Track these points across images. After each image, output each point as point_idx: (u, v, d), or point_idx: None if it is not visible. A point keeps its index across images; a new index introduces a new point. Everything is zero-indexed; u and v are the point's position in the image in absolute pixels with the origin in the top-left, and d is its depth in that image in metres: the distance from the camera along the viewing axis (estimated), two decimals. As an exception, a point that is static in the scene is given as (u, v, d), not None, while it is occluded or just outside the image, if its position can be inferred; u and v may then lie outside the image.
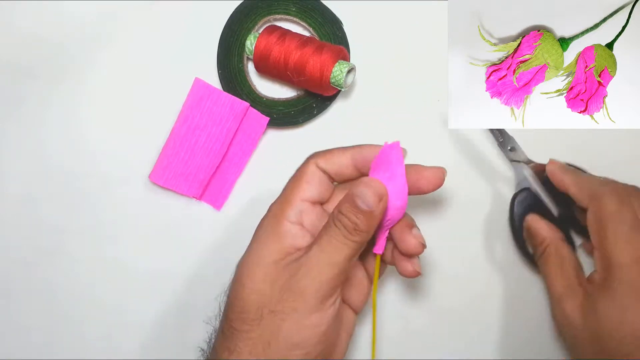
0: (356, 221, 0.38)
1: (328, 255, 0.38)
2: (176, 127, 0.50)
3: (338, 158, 0.41)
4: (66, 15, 0.53)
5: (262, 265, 0.39)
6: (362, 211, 0.38)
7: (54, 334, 0.51)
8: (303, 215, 0.41)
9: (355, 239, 0.38)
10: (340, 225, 0.38)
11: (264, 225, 0.41)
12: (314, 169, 0.41)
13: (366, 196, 0.38)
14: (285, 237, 0.40)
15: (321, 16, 0.51)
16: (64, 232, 0.52)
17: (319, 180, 0.41)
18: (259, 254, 0.40)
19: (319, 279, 0.37)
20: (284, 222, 0.40)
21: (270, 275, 0.38)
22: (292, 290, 0.37)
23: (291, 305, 0.37)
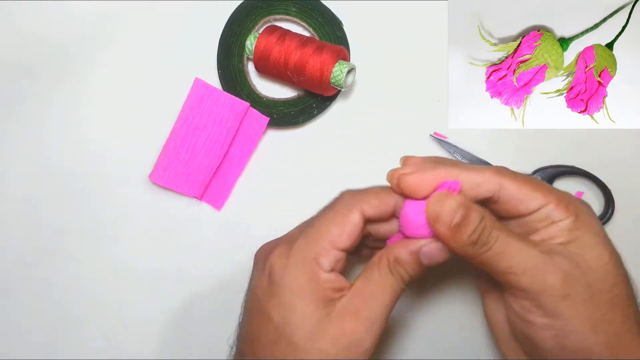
0: (413, 274, 0.38)
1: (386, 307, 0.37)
2: (176, 127, 0.50)
3: (385, 203, 0.39)
4: (66, 15, 0.53)
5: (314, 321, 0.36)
6: (422, 265, 0.37)
7: (54, 334, 0.51)
8: (337, 263, 0.38)
9: (404, 286, 0.38)
10: (396, 274, 0.37)
11: (295, 273, 0.37)
12: (358, 220, 0.38)
13: (434, 257, 0.37)
14: (325, 288, 0.37)
15: (321, 16, 0.51)
16: (64, 232, 0.52)
17: (360, 231, 0.38)
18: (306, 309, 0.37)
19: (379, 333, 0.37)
20: (320, 273, 0.37)
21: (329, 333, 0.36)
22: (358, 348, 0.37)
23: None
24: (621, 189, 0.50)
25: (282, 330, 0.36)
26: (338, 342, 0.36)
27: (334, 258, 0.37)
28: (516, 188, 0.38)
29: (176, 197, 0.51)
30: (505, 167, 0.40)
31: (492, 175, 0.38)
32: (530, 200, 0.38)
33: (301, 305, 0.36)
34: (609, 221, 0.50)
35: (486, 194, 0.38)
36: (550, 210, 0.38)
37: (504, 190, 0.38)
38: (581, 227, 0.38)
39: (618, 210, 0.50)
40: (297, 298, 0.37)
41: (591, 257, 0.37)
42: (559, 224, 0.38)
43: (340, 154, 0.51)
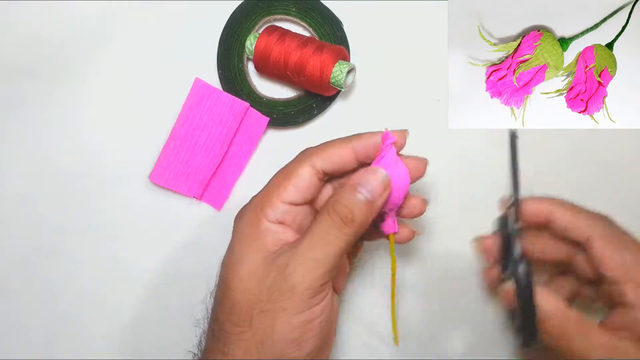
0: (354, 211, 0.36)
1: (319, 251, 0.36)
2: (176, 127, 0.50)
3: (338, 154, 0.39)
4: (66, 15, 0.53)
5: (246, 263, 0.38)
6: (362, 200, 0.37)
7: (54, 334, 0.51)
8: (285, 215, 0.39)
9: (350, 232, 0.37)
10: (335, 215, 0.37)
11: (243, 222, 0.39)
12: (306, 171, 0.39)
13: (371, 185, 0.37)
14: (266, 235, 0.38)
15: (321, 16, 0.51)
16: (64, 232, 0.52)
17: (309, 183, 0.39)
18: (242, 252, 0.38)
19: (309, 276, 0.36)
20: (263, 221, 0.38)
21: (257, 274, 0.37)
22: (280, 289, 0.36)
23: (281, 305, 0.36)
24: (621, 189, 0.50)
25: (224, 273, 0.39)
26: (262, 282, 0.37)
27: (281, 210, 0.38)
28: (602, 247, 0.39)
29: (176, 197, 0.51)
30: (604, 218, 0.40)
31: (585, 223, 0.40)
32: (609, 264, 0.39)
33: (240, 250, 0.38)
34: None
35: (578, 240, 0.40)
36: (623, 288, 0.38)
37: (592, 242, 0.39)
38: None
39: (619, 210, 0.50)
40: (238, 243, 0.39)
41: None
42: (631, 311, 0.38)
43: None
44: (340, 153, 0.39)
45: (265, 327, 0.36)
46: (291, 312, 0.36)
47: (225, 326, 0.38)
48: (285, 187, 0.39)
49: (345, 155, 0.40)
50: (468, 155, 0.51)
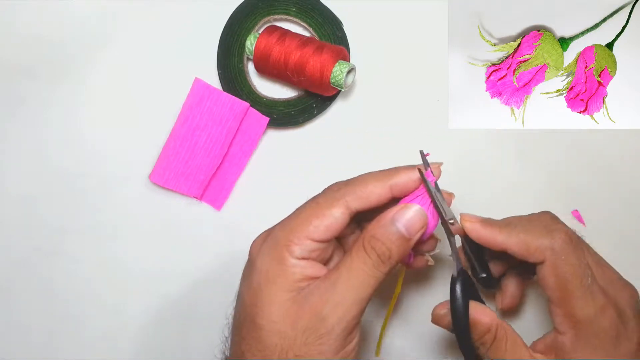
0: (391, 248, 0.35)
1: (355, 291, 0.35)
2: (176, 127, 0.50)
3: (377, 194, 0.38)
4: (66, 15, 0.53)
5: (277, 304, 0.36)
6: (400, 237, 0.36)
7: (54, 334, 0.51)
8: (311, 252, 0.37)
9: (385, 270, 0.36)
10: (373, 253, 0.36)
11: (266, 258, 0.37)
12: (340, 212, 0.37)
13: (409, 221, 0.36)
14: (294, 273, 0.36)
15: (321, 16, 0.51)
16: (64, 232, 0.52)
17: (341, 224, 0.37)
18: (269, 291, 0.36)
19: (346, 318, 0.35)
20: (289, 258, 0.37)
21: (290, 316, 0.35)
22: (317, 332, 0.35)
23: (318, 348, 0.35)
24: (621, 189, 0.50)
25: (249, 310, 0.37)
26: (296, 324, 0.35)
27: (308, 248, 0.37)
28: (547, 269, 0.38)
29: (176, 197, 0.51)
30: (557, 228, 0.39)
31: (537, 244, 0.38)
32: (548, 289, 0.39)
33: (267, 288, 0.36)
34: None
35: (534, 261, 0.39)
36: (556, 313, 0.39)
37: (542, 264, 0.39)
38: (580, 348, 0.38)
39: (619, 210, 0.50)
40: (264, 280, 0.37)
41: None
42: (559, 336, 0.39)
43: (340, 154, 0.51)
44: (378, 193, 0.38)
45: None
46: (328, 354, 0.35)
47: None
48: (316, 227, 0.37)
49: (383, 194, 0.38)
50: (468, 155, 0.51)
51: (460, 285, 0.38)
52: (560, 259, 0.38)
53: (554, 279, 0.38)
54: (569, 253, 0.38)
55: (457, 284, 0.38)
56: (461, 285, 0.38)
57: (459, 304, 0.38)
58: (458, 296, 0.38)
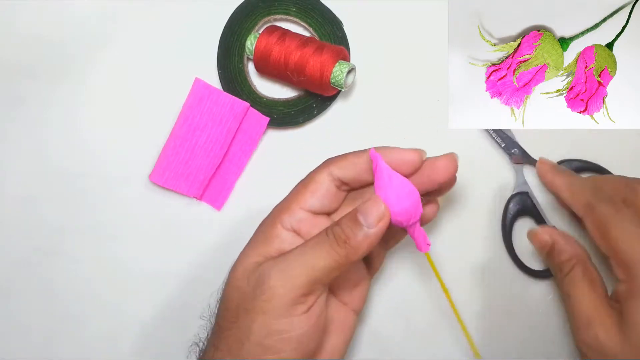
0: (349, 234, 0.37)
1: (307, 258, 0.37)
2: (176, 127, 0.50)
3: (353, 163, 0.40)
4: (66, 15, 0.53)
5: (244, 263, 0.39)
6: (358, 227, 0.37)
7: (54, 334, 0.51)
8: (301, 223, 0.40)
9: (341, 252, 0.37)
10: (331, 234, 0.37)
11: (259, 227, 0.41)
12: (324, 177, 0.40)
13: (368, 213, 0.37)
14: (273, 241, 0.39)
15: (321, 16, 0.51)
16: (64, 232, 0.52)
17: (326, 190, 0.40)
18: (247, 253, 0.39)
19: (291, 281, 0.36)
20: (278, 226, 0.39)
21: (249, 274, 0.38)
22: (263, 287, 0.36)
23: (261, 305, 0.36)
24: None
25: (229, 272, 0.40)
26: (250, 281, 0.37)
27: (298, 217, 0.39)
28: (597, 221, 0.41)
29: (176, 197, 0.51)
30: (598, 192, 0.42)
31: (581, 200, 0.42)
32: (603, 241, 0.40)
33: (245, 251, 0.39)
34: None
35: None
36: (613, 264, 0.40)
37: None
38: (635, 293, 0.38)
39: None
40: (248, 245, 0.40)
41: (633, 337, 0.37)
42: (618, 284, 0.40)
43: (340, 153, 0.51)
44: (355, 162, 0.40)
45: (245, 327, 0.37)
46: (268, 316, 0.36)
47: (220, 320, 0.39)
48: (303, 194, 0.40)
49: (359, 164, 0.40)
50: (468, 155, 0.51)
51: (513, 204, 0.48)
52: (597, 213, 0.40)
53: (597, 231, 0.40)
54: (607, 206, 0.40)
55: (510, 203, 0.49)
56: (515, 203, 0.48)
57: (508, 217, 0.49)
58: (508, 214, 0.48)
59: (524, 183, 0.50)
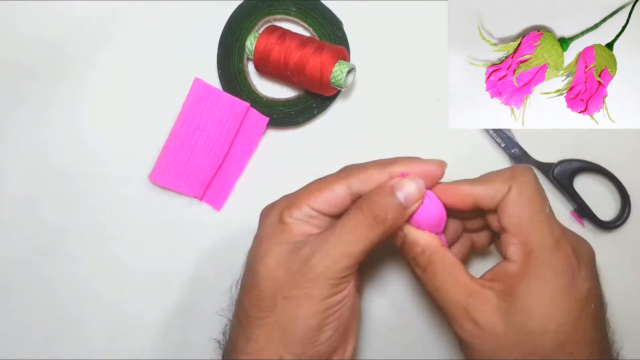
0: (388, 212, 0.37)
1: (346, 245, 0.37)
2: (176, 127, 0.50)
3: (376, 179, 0.39)
4: (66, 15, 0.53)
5: (274, 253, 0.39)
6: (397, 204, 0.37)
7: (54, 334, 0.51)
8: (310, 219, 0.40)
9: (379, 232, 0.38)
10: (369, 214, 0.37)
11: (268, 219, 0.41)
12: (341, 190, 0.39)
13: (408, 190, 0.37)
14: (292, 228, 0.39)
15: (321, 16, 0.51)
16: (64, 232, 0.52)
17: (341, 201, 0.40)
18: (269, 243, 0.40)
19: (333, 267, 0.37)
20: (287, 218, 0.40)
21: (284, 262, 0.38)
22: (305, 277, 0.37)
23: (305, 292, 0.37)
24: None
25: (251, 262, 0.40)
26: (288, 269, 0.38)
27: (306, 213, 0.40)
28: (508, 201, 0.38)
29: (176, 197, 0.51)
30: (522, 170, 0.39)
31: (502, 184, 0.39)
32: (507, 218, 0.38)
33: (267, 241, 0.40)
34: (624, 224, 0.50)
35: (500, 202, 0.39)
36: (509, 242, 0.38)
37: (504, 198, 0.39)
38: (525, 282, 0.36)
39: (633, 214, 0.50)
40: (265, 236, 0.40)
41: (517, 319, 0.36)
42: (508, 264, 0.38)
43: (340, 153, 0.51)
44: (377, 178, 0.39)
45: (288, 312, 0.38)
46: (314, 298, 0.37)
47: (251, 312, 0.39)
48: (315, 197, 0.40)
49: (381, 180, 0.39)
50: (468, 155, 0.51)
51: None
52: (524, 185, 0.38)
53: (513, 206, 0.38)
54: (530, 183, 0.38)
55: None
56: None
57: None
58: None
59: None
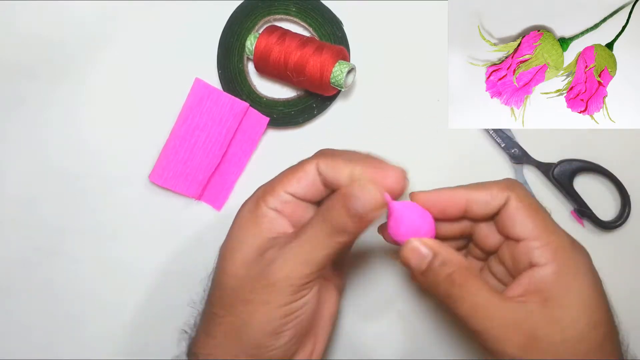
0: (346, 222, 0.36)
1: (306, 253, 0.37)
2: (176, 127, 0.50)
3: (340, 167, 0.38)
4: (66, 15, 0.53)
5: (242, 250, 0.38)
6: (354, 213, 0.36)
7: (54, 334, 0.51)
8: (285, 205, 0.39)
9: (340, 240, 0.37)
10: (328, 221, 0.37)
11: (244, 207, 0.40)
12: (311, 169, 0.39)
13: (365, 198, 0.36)
14: (262, 221, 0.39)
15: (321, 16, 0.51)
16: (64, 232, 0.52)
17: (312, 182, 0.39)
18: (239, 237, 0.39)
19: (293, 275, 0.36)
20: (262, 206, 0.39)
21: (248, 262, 0.38)
22: (263, 282, 0.37)
23: (262, 297, 0.37)
24: (621, 189, 0.50)
25: (221, 256, 0.40)
26: (250, 270, 0.37)
27: (281, 199, 0.39)
28: (515, 209, 0.38)
29: (176, 197, 0.51)
30: (516, 182, 0.39)
31: (499, 191, 0.38)
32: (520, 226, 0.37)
33: (238, 234, 0.39)
34: (624, 224, 0.50)
35: (495, 210, 0.38)
36: (533, 247, 0.37)
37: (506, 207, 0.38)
38: (563, 280, 0.36)
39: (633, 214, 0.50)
40: (237, 228, 0.40)
41: (566, 320, 0.35)
42: (539, 270, 0.37)
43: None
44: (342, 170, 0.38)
45: (245, 315, 0.37)
46: (271, 305, 0.37)
47: (214, 308, 0.39)
48: (289, 180, 0.39)
49: (342, 176, 0.38)
50: (468, 155, 0.51)
51: None
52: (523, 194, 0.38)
53: (524, 211, 0.37)
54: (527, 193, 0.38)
55: None
56: None
57: None
58: None
59: (523, 183, 0.50)
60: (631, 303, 0.50)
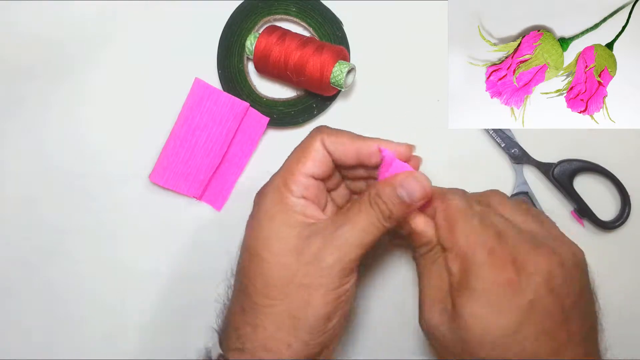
0: (392, 209, 0.39)
1: (357, 237, 0.39)
2: (176, 127, 0.50)
3: (345, 145, 0.41)
4: (66, 15, 0.53)
5: (282, 239, 0.39)
6: (402, 202, 0.39)
7: (54, 334, 0.51)
8: (308, 190, 0.41)
9: (386, 224, 0.39)
10: (376, 208, 0.39)
11: (267, 199, 0.41)
12: (319, 146, 0.41)
13: (414, 189, 0.39)
14: (295, 210, 0.40)
15: (321, 16, 0.51)
16: (64, 232, 0.52)
17: (323, 158, 0.41)
18: (273, 229, 0.40)
19: (346, 258, 0.38)
20: (289, 196, 0.40)
21: (294, 250, 0.39)
22: (319, 266, 0.38)
23: (317, 281, 0.38)
24: (621, 189, 0.50)
25: (254, 247, 0.40)
26: (300, 258, 0.39)
27: (303, 184, 0.40)
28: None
29: (176, 197, 0.51)
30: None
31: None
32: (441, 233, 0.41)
33: (270, 225, 0.40)
34: (624, 224, 0.50)
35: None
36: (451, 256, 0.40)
37: None
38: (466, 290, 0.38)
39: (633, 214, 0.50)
40: (267, 219, 0.40)
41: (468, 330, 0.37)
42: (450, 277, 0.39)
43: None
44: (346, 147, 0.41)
45: (300, 300, 0.38)
46: (326, 288, 0.38)
47: (257, 299, 0.39)
48: (304, 162, 0.41)
49: (349, 152, 0.41)
50: (468, 155, 0.51)
51: None
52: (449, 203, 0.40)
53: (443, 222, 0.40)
54: (457, 197, 0.40)
55: None
56: None
57: None
58: None
59: (523, 183, 0.50)
60: (631, 303, 0.50)
